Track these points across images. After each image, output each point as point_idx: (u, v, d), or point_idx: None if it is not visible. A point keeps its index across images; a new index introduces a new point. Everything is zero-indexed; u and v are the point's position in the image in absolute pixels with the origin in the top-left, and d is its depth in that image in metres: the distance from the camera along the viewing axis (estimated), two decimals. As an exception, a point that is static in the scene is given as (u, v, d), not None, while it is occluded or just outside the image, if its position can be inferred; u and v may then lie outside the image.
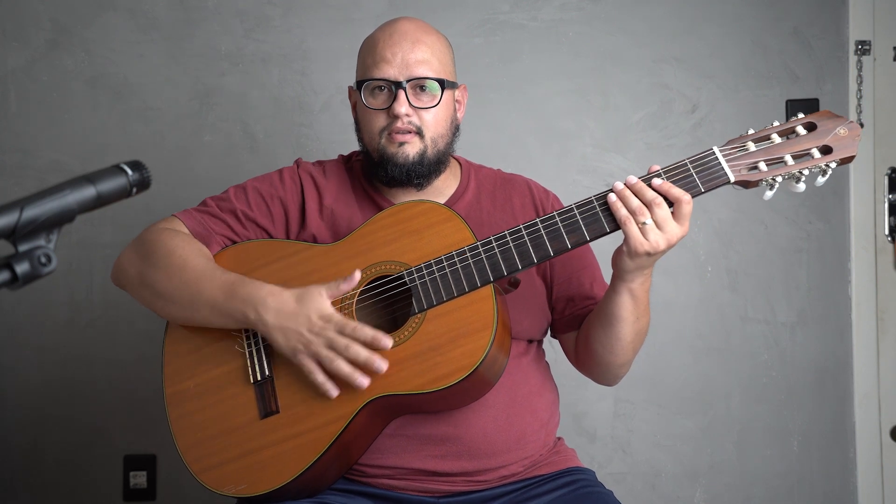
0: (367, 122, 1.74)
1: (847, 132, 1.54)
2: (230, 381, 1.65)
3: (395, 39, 1.72)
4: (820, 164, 1.54)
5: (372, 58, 1.72)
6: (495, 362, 1.58)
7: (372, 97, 1.72)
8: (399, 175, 1.71)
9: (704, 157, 1.55)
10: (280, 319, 1.57)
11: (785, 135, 1.56)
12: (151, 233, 1.72)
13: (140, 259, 1.70)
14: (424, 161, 1.72)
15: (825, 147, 1.54)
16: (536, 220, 1.58)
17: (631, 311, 1.64)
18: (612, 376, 1.78)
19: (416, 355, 1.56)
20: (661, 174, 1.55)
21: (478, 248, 1.59)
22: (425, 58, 1.71)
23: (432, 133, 1.72)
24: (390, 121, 1.70)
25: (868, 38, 2.60)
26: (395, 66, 1.70)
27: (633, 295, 1.62)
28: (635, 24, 2.58)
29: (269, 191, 1.77)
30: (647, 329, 1.71)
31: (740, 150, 1.55)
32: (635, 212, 1.52)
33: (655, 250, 1.52)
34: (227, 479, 1.60)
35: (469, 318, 1.56)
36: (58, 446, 2.52)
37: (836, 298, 2.61)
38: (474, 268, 1.58)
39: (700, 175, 1.54)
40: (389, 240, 1.64)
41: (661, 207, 1.52)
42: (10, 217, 0.93)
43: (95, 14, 2.53)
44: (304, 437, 1.58)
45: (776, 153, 1.54)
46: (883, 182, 2.61)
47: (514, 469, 1.69)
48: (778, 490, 2.59)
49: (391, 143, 1.70)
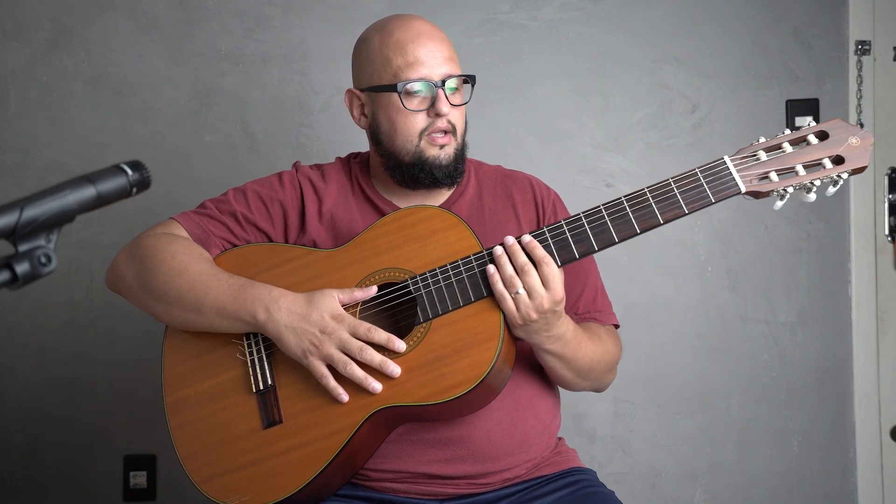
0: (402, 123, 1.70)
1: (859, 142, 1.51)
2: (231, 390, 1.63)
3: (422, 39, 1.70)
4: (832, 174, 1.51)
5: (404, 59, 1.69)
6: (501, 373, 1.57)
7: (409, 99, 1.69)
8: (443, 178, 1.71)
9: (715, 168, 1.52)
10: (292, 319, 1.56)
11: (796, 143, 1.53)
12: (148, 237, 1.70)
13: (138, 263, 1.68)
14: (460, 159, 1.72)
15: (837, 157, 1.51)
16: (544, 228, 1.56)
17: (558, 364, 1.63)
18: (593, 391, 1.80)
19: (422, 365, 1.54)
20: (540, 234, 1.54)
21: (484, 257, 1.57)
22: (452, 55, 1.72)
23: (461, 130, 1.73)
24: (431, 121, 1.69)
25: (868, 38, 2.60)
26: (430, 66, 1.68)
27: (552, 354, 1.61)
28: (635, 24, 2.58)
29: (269, 194, 1.76)
30: (596, 359, 1.68)
31: (751, 159, 1.52)
32: (507, 283, 1.52)
33: (527, 321, 1.52)
34: (229, 490, 1.59)
35: (475, 329, 1.54)
36: (58, 446, 2.52)
37: (836, 298, 2.61)
38: (480, 277, 1.56)
39: (711, 185, 1.52)
40: (393, 246, 1.62)
41: (531, 274, 1.51)
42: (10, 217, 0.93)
43: (95, 14, 2.53)
44: (308, 447, 1.57)
45: (787, 163, 1.51)
46: (883, 182, 2.61)
47: (517, 472, 1.69)
48: (778, 490, 2.59)
49: (432, 145, 1.69)
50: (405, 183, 1.73)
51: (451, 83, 1.70)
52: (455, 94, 1.72)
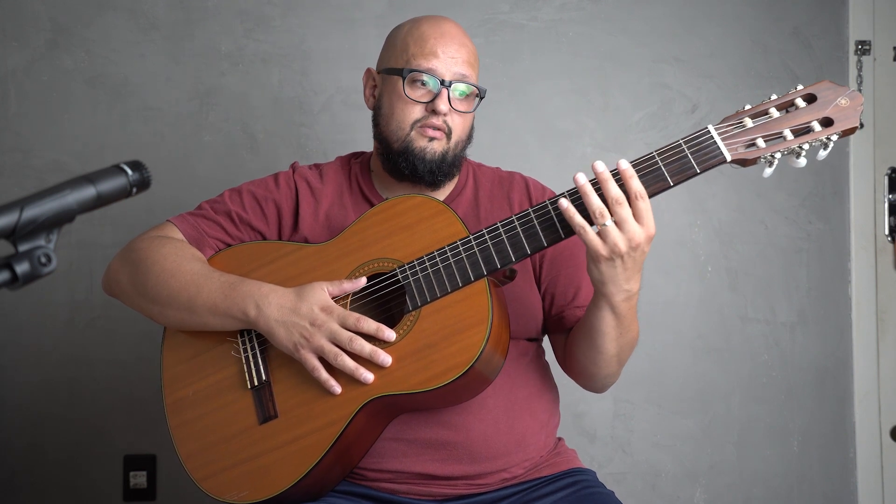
0: (400, 110, 1.71)
1: (849, 102, 1.47)
2: (228, 387, 1.64)
3: (446, 39, 1.71)
4: (821, 137, 1.46)
5: (421, 49, 1.71)
6: (492, 358, 1.57)
7: (412, 88, 1.70)
8: (423, 171, 1.70)
9: (699, 137, 1.49)
10: (282, 313, 1.57)
11: (784, 108, 1.49)
12: (141, 241, 1.72)
13: (131, 267, 1.70)
14: (445, 161, 1.72)
15: (826, 119, 1.47)
16: (529, 210, 1.55)
17: (613, 326, 1.58)
18: (598, 386, 1.76)
19: (412, 353, 1.55)
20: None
21: (470, 242, 1.56)
22: (470, 62, 1.73)
23: (457, 137, 1.73)
24: (426, 115, 1.70)
25: (868, 38, 2.60)
26: (444, 63, 1.70)
27: (614, 311, 1.56)
28: (635, 24, 2.58)
29: (264, 193, 1.78)
30: (635, 342, 1.66)
31: (737, 126, 1.49)
32: (595, 214, 1.45)
33: (615, 253, 1.45)
34: (228, 486, 1.60)
35: (464, 314, 1.54)
36: (58, 446, 2.52)
37: (836, 298, 2.61)
38: (467, 262, 1.55)
39: (695, 155, 1.48)
40: (381, 236, 1.63)
41: (623, 206, 1.45)
42: (10, 217, 0.93)
43: (95, 14, 2.53)
44: (304, 440, 1.58)
45: (775, 128, 1.48)
46: (883, 182, 2.61)
47: (514, 472, 1.69)
48: (778, 490, 2.59)
49: (421, 136, 1.70)
50: (390, 171, 1.75)
51: (462, 87, 1.71)
52: (462, 101, 1.72)
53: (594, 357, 1.65)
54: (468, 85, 1.72)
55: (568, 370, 1.78)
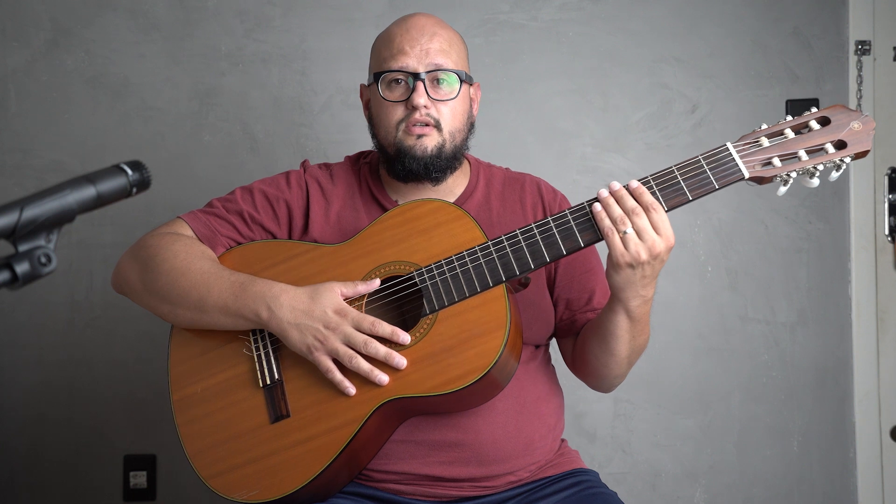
0: (383, 115, 1.71)
1: (861, 126, 1.53)
2: (238, 385, 1.63)
3: (412, 33, 1.70)
4: (834, 159, 1.53)
5: (389, 50, 1.70)
6: (507, 363, 1.57)
7: (389, 90, 1.70)
8: (417, 168, 1.69)
9: (718, 154, 1.53)
10: (295, 315, 1.55)
11: (798, 129, 1.55)
12: (152, 238, 1.70)
13: (141, 265, 1.68)
14: (443, 155, 1.70)
15: (839, 142, 1.53)
16: (548, 218, 1.56)
17: (626, 329, 1.61)
18: (606, 386, 1.77)
19: (429, 356, 1.54)
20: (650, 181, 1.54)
21: (489, 248, 1.57)
22: (443, 49, 1.70)
23: (450, 127, 1.70)
24: (408, 113, 1.68)
25: (868, 38, 2.60)
26: (413, 57, 1.68)
27: (629, 315, 1.59)
28: (635, 24, 2.58)
29: (275, 193, 1.76)
30: (645, 344, 1.69)
31: (753, 145, 1.53)
32: (616, 221, 1.50)
33: (636, 261, 1.50)
34: (237, 485, 1.58)
35: (482, 319, 1.54)
36: (58, 446, 2.52)
37: (836, 298, 2.61)
38: (486, 268, 1.56)
39: (714, 171, 1.52)
40: (398, 239, 1.62)
41: (641, 216, 1.50)
42: (10, 217, 0.93)
43: (95, 14, 2.53)
44: (316, 441, 1.57)
45: (790, 148, 1.53)
46: (883, 182, 2.61)
47: (521, 475, 1.68)
48: (778, 490, 2.59)
49: (408, 135, 1.68)
50: (393, 175, 1.74)
51: (439, 76, 1.69)
52: (440, 88, 1.70)
53: (606, 359, 1.67)
54: (445, 72, 1.69)
55: (577, 371, 1.79)
